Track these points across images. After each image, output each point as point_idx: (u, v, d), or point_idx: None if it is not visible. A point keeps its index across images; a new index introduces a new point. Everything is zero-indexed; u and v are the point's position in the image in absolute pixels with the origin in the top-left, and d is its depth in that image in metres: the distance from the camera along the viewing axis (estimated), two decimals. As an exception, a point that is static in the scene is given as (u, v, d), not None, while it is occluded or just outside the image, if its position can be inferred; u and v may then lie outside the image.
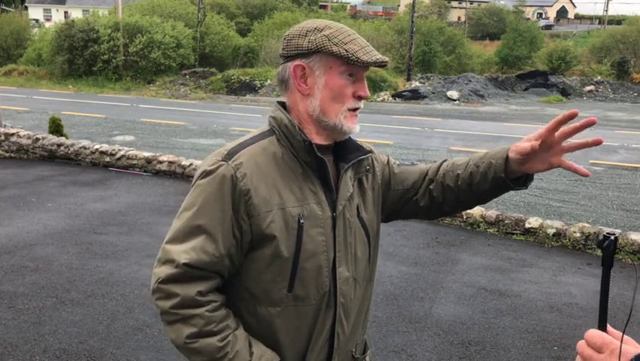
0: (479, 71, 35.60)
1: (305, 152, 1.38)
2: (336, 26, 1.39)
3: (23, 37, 33.78)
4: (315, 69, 1.37)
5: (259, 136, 1.42)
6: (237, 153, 1.36)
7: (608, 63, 32.69)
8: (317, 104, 1.39)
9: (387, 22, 41.71)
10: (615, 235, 0.97)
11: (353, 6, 74.16)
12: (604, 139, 1.45)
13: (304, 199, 1.38)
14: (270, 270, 1.36)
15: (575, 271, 5.50)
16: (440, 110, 22.72)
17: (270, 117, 1.43)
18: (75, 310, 4.21)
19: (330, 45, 1.35)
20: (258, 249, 1.35)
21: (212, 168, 1.34)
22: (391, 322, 4.25)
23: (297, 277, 1.36)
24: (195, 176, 1.38)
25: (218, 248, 1.32)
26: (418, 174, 1.61)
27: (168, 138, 13.57)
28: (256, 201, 1.32)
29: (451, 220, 6.82)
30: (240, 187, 1.32)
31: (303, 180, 1.39)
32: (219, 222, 1.32)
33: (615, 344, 0.91)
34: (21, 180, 8.14)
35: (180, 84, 27.96)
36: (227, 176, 1.32)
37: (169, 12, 32.86)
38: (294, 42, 1.38)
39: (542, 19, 64.08)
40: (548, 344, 4.03)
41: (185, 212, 1.36)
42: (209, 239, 1.32)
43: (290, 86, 1.41)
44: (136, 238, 5.84)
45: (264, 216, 1.33)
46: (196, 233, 1.32)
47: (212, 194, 1.32)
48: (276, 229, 1.33)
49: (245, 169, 1.33)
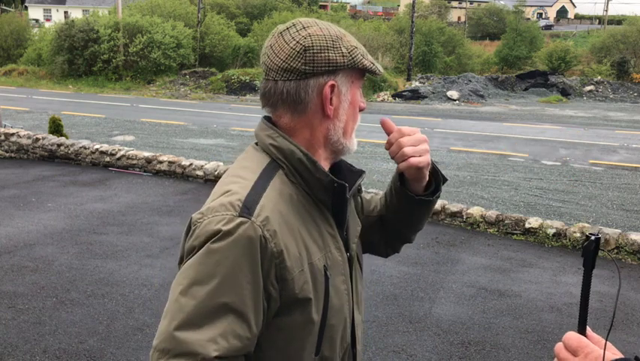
0: (479, 71, 35.61)
1: (323, 190, 1.16)
2: (346, 32, 1.21)
3: (23, 37, 33.76)
4: (341, 86, 1.18)
5: (266, 173, 1.14)
6: (256, 203, 1.07)
7: (608, 63, 32.67)
8: (341, 126, 1.19)
9: (386, 22, 41.71)
10: (597, 236, 0.95)
11: (353, 6, 74.17)
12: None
13: (325, 246, 1.17)
14: (300, 337, 1.13)
15: (575, 271, 5.50)
16: (440, 110, 22.72)
17: (270, 146, 1.17)
18: (75, 310, 4.21)
19: (362, 59, 1.18)
20: (285, 315, 1.11)
21: (230, 227, 1.04)
22: (391, 322, 4.25)
23: (324, 338, 1.16)
24: (201, 235, 1.06)
25: (251, 328, 1.05)
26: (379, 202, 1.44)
27: (168, 137, 13.57)
28: (289, 263, 1.08)
29: (451, 220, 6.82)
30: (271, 249, 1.06)
31: (321, 222, 1.18)
32: (250, 297, 1.04)
33: (590, 347, 0.90)
34: (21, 180, 8.14)
35: (180, 84, 27.96)
36: (254, 238, 1.04)
37: (169, 12, 32.86)
38: (323, 56, 1.14)
39: (542, 19, 64.07)
40: (548, 344, 4.03)
41: (197, 287, 1.03)
42: (240, 319, 1.03)
43: (309, 109, 1.16)
44: (136, 238, 5.84)
45: (297, 278, 1.09)
46: (221, 314, 1.02)
47: (237, 263, 1.03)
48: (309, 290, 1.12)
49: (272, 225, 1.07)
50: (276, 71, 1.15)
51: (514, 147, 13.63)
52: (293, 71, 1.14)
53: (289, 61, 1.14)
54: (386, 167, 10.92)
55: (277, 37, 1.17)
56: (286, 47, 1.15)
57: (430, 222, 6.80)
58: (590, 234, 0.95)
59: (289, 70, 1.14)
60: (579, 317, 0.96)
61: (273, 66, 1.16)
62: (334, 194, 1.17)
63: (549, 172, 10.86)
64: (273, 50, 1.17)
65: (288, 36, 1.16)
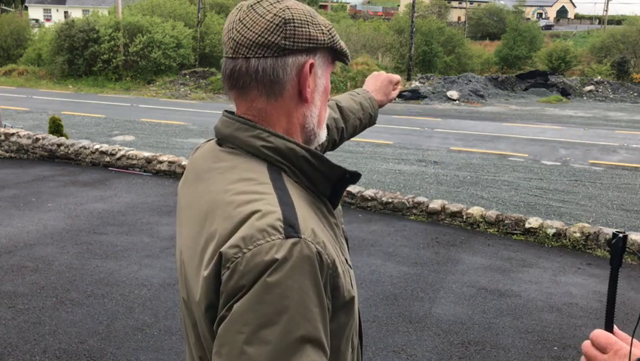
0: (479, 71, 35.60)
1: (328, 184, 1.06)
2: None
3: (23, 37, 33.77)
4: (318, 68, 1.08)
5: (277, 181, 1.01)
6: (296, 218, 0.94)
7: (608, 63, 32.68)
8: (317, 113, 1.10)
9: (386, 22, 41.71)
10: (625, 233, 0.95)
11: (353, 6, 74.18)
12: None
13: (337, 238, 1.09)
14: (346, 336, 1.06)
15: (575, 271, 5.50)
16: (440, 110, 22.72)
17: (263, 148, 1.03)
18: (75, 310, 4.21)
19: (340, 40, 1.09)
20: (334, 322, 1.01)
21: (284, 253, 0.90)
22: (391, 322, 4.24)
23: (353, 329, 1.11)
24: (250, 272, 0.89)
25: (326, 352, 0.95)
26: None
27: (168, 137, 13.57)
28: (340, 270, 0.99)
29: (451, 220, 6.82)
30: (326, 262, 0.95)
31: (327, 214, 1.09)
32: (320, 320, 0.93)
33: (619, 344, 0.90)
34: (21, 180, 8.14)
35: (180, 84, 27.96)
36: (311, 257, 0.92)
37: (169, 12, 32.86)
38: (304, 31, 1.03)
39: (542, 19, 64.07)
40: (548, 344, 4.03)
41: (266, 330, 0.88)
42: (317, 347, 0.92)
43: (285, 91, 1.04)
44: (136, 238, 5.84)
45: (343, 281, 1.00)
46: (300, 349, 0.90)
47: (303, 289, 0.91)
48: (351, 289, 1.04)
49: (319, 236, 0.96)
50: (249, 46, 1.01)
51: (514, 147, 13.63)
52: (270, 46, 1.01)
53: (266, 35, 1.01)
54: (386, 167, 10.92)
55: (247, 10, 1.04)
56: (261, 20, 1.01)
57: (430, 222, 6.81)
58: (617, 231, 0.95)
59: (265, 45, 1.01)
60: (606, 314, 0.96)
61: (244, 41, 1.02)
62: (342, 183, 1.07)
63: (549, 172, 10.86)
64: (243, 24, 1.03)
65: (261, 9, 1.03)
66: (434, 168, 10.98)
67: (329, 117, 1.41)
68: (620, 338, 0.93)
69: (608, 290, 0.96)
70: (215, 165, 1.07)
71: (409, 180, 9.89)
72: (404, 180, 9.80)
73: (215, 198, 1.01)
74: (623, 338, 0.94)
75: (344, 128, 1.61)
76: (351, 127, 1.64)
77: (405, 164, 11.34)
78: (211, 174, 1.07)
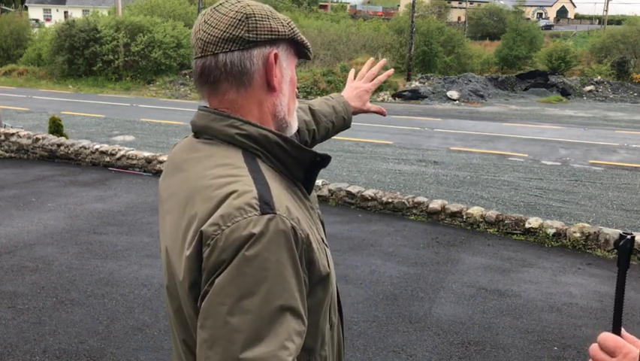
0: (479, 71, 35.59)
1: (300, 168, 1.13)
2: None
3: (23, 37, 33.76)
4: (282, 59, 1.15)
5: (252, 165, 1.07)
6: (271, 196, 1.01)
7: (608, 63, 32.68)
8: (286, 102, 1.17)
9: (386, 22, 41.70)
10: (632, 235, 0.93)
11: (353, 6, 74.15)
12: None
13: (313, 219, 1.15)
14: (323, 312, 1.13)
15: (575, 271, 5.50)
16: (440, 110, 22.72)
17: (237, 135, 1.09)
18: (75, 310, 4.21)
19: (300, 33, 1.17)
20: (311, 297, 1.07)
21: (261, 228, 0.96)
22: (391, 322, 4.25)
23: (331, 305, 1.18)
24: (229, 247, 0.95)
25: (304, 321, 1.01)
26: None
27: (168, 137, 13.57)
28: (314, 246, 1.05)
29: (451, 220, 6.82)
30: (301, 237, 1.01)
31: (302, 197, 1.15)
32: (297, 290, 0.99)
33: (628, 347, 0.88)
34: (21, 180, 8.14)
35: (180, 84, 27.97)
36: (286, 231, 0.98)
37: (168, 12, 32.87)
38: (265, 24, 1.10)
39: (542, 19, 64.06)
40: (548, 344, 4.03)
41: (247, 300, 0.94)
42: (295, 316, 0.98)
43: (253, 81, 1.11)
44: (136, 238, 5.84)
45: (318, 257, 1.07)
46: (280, 317, 0.96)
47: (280, 260, 0.97)
48: (327, 264, 1.11)
49: (294, 213, 1.02)
50: (215, 43, 1.09)
51: (514, 147, 13.63)
52: (235, 40, 1.08)
53: (230, 30, 1.08)
54: (386, 167, 10.93)
55: (211, 12, 1.12)
56: (225, 18, 1.09)
57: (430, 222, 6.81)
58: (623, 233, 0.93)
59: (231, 39, 1.08)
60: (614, 317, 0.94)
61: (211, 39, 1.09)
62: (314, 166, 1.14)
63: (549, 172, 10.86)
64: (209, 24, 1.10)
65: (223, 9, 1.11)
66: (434, 168, 10.98)
67: (300, 119, 1.43)
68: (628, 340, 0.91)
69: (616, 292, 0.94)
70: (192, 155, 1.13)
71: (408, 180, 9.89)
72: (404, 180, 9.80)
73: (194, 184, 1.07)
74: (632, 340, 0.91)
75: (315, 130, 1.62)
76: (324, 130, 1.66)
77: (405, 164, 11.34)
78: (189, 163, 1.13)
